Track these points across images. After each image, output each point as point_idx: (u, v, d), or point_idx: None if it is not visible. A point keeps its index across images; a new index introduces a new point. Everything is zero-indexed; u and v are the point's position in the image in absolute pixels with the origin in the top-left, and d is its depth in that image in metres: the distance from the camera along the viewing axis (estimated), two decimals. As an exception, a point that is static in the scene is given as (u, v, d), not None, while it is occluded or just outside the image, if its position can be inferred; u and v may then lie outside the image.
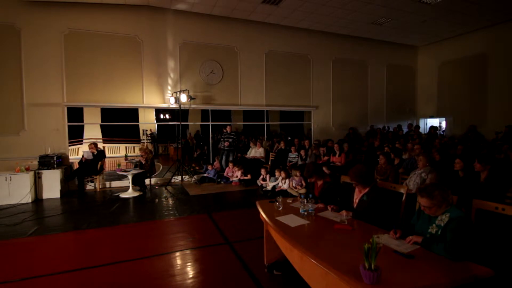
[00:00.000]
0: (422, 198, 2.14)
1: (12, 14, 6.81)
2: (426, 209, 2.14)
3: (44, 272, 3.22)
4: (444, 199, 2.08)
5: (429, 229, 2.14)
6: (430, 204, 2.09)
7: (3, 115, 6.81)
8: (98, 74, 7.59)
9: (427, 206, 2.12)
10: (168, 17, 8.24)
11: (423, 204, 2.14)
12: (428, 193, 2.11)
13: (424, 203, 2.13)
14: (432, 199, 2.08)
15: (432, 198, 2.09)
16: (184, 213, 5.39)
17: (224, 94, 9.02)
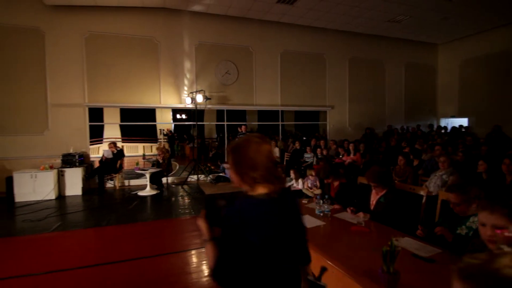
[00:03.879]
0: (452, 194, 2.05)
1: (36, 19, 7.11)
2: (456, 207, 2.06)
3: (66, 267, 3.35)
4: (477, 198, 2.00)
5: (458, 230, 2.06)
6: (460, 201, 2.01)
7: (29, 115, 7.13)
8: (117, 76, 7.81)
9: (456, 202, 2.03)
10: (184, 19, 8.37)
11: (453, 201, 2.06)
12: (459, 188, 2.03)
13: (453, 199, 2.05)
14: (464, 195, 2.00)
15: (464, 193, 2.00)
16: (199, 212, 5.45)
17: (239, 94, 9.07)
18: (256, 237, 1.04)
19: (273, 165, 1.18)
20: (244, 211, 1.08)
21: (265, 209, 1.10)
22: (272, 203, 1.12)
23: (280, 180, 1.17)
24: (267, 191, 1.13)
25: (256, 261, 1.05)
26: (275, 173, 1.16)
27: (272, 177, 1.15)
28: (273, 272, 1.09)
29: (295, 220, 1.21)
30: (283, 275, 1.13)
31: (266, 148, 1.18)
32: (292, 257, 1.17)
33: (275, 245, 1.08)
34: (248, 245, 1.03)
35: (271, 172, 1.14)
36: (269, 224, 1.09)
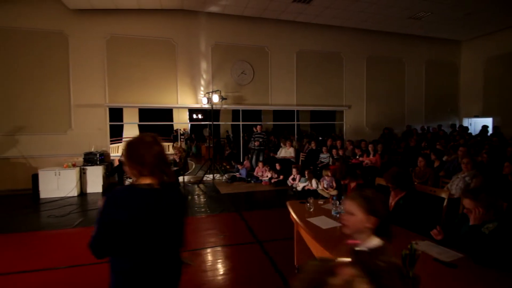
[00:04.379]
0: (465, 199, 2.03)
1: (61, 23, 7.41)
2: (469, 213, 2.02)
3: (86, 262, 3.47)
4: (491, 205, 1.94)
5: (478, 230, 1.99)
6: (473, 206, 1.97)
7: (53, 116, 7.45)
8: (136, 76, 8.02)
9: (470, 208, 1.99)
10: (201, 20, 8.48)
11: (466, 206, 2.03)
12: (473, 194, 1.99)
13: (467, 205, 2.02)
14: (477, 201, 1.95)
15: (476, 200, 1.96)
16: (216, 211, 5.51)
17: (255, 94, 9.09)
18: (127, 216, 1.24)
19: (161, 162, 1.38)
20: (122, 195, 1.30)
21: (142, 196, 1.30)
22: (151, 192, 1.32)
23: (168, 175, 1.40)
24: (150, 182, 1.35)
25: (124, 236, 1.25)
26: (163, 169, 1.37)
27: (158, 172, 1.36)
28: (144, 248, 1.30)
29: (175, 209, 1.40)
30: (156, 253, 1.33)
31: (156, 147, 1.39)
32: (167, 238, 1.37)
33: (146, 225, 1.28)
34: (118, 222, 1.23)
35: (157, 168, 1.35)
36: (142, 208, 1.28)
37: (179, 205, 1.45)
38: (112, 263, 1.34)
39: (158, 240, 1.34)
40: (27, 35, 7.21)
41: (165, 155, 1.43)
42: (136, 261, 1.31)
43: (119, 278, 1.33)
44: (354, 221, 1.29)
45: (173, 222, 1.41)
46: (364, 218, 1.26)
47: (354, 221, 1.29)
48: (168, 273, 1.42)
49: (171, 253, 1.43)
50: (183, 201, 1.51)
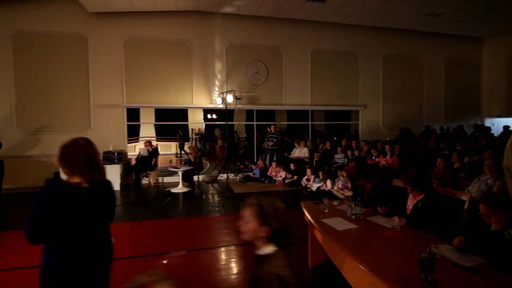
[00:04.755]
0: (481, 204, 1.98)
1: (81, 26, 7.67)
2: (484, 218, 1.95)
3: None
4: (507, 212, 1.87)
5: None
6: (488, 213, 1.91)
7: (73, 115, 7.71)
8: (153, 77, 8.18)
9: (484, 214, 1.94)
10: (216, 21, 8.55)
11: (481, 211, 1.97)
12: (489, 200, 1.93)
13: (482, 210, 1.97)
14: (491, 208, 1.89)
15: (491, 206, 1.89)
16: (229, 210, 5.55)
17: (269, 94, 9.09)
18: (53, 210, 1.43)
19: (92, 163, 1.55)
20: (50, 192, 1.47)
21: (70, 193, 1.48)
22: (79, 190, 1.51)
23: (98, 175, 1.59)
24: (79, 181, 1.52)
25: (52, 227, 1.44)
26: (93, 170, 1.55)
27: (88, 173, 1.54)
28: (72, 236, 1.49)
29: (101, 204, 1.61)
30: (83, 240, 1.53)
31: (87, 150, 1.57)
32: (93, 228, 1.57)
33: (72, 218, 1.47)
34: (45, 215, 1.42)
35: (87, 169, 1.54)
36: (69, 203, 1.47)
37: (106, 201, 1.66)
38: (44, 248, 1.53)
39: (85, 229, 1.55)
40: (49, 38, 7.50)
41: (97, 157, 1.63)
42: (65, 246, 1.50)
43: (50, 261, 1.52)
44: (249, 228, 1.27)
45: (99, 215, 1.62)
46: (257, 227, 1.24)
47: (249, 229, 1.27)
48: (95, 257, 1.61)
49: (97, 240, 1.63)
50: (111, 197, 1.72)
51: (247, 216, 1.29)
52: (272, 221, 1.25)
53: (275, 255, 1.24)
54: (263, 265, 1.21)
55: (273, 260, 1.22)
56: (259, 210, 1.27)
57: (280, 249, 1.27)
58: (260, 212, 1.26)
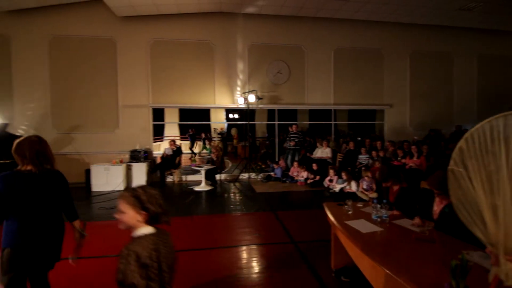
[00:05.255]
0: None
1: (110, 29, 8.02)
2: None
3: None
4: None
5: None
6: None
7: (103, 116, 8.09)
8: (177, 78, 8.40)
9: None
10: (238, 21, 8.63)
11: None
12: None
13: None
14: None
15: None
16: (251, 209, 5.59)
17: (291, 93, 9.04)
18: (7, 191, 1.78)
19: (41, 156, 1.92)
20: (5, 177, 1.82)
21: (21, 178, 1.85)
22: (29, 176, 1.87)
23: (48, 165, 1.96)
24: (30, 169, 1.89)
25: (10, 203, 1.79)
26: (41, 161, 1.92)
27: (37, 163, 1.90)
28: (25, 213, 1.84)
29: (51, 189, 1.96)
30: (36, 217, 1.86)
31: (37, 146, 1.92)
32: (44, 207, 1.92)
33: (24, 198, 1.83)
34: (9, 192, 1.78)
35: (37, 160, 1.90)
36: (21, 186, 1.83)
37: (54, 186, 2.00)
38: (4, 225, 1.86)
39: (37, 208, 1.90)
40: (81, 42, 7.92)
41: (46, 151, 1.99)
42: (20, 223, 1.85)
43: (9, 235, 1.84)
44: (126, 218, 1.39)
45: (48, 197, 1.96)
46: (135, 214, 1.37)
47: (126, 218, 1.39)
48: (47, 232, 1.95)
49: (48, 218, 1.97)
50: (59, 183, 2.05)
51: (123, 207, 1.39)
52: (149, 206, 1.38)
53: (146, 237, 1.36)
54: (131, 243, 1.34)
55: (141, 241, 1.35)
56: (135, 199, 1.39)
57: (157, 232, 1.41)
58: (136, 201, 1.38)
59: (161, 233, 1.44)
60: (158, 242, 1.38)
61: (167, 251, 1.40)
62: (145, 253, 1.30)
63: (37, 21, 7.68)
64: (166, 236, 1.46)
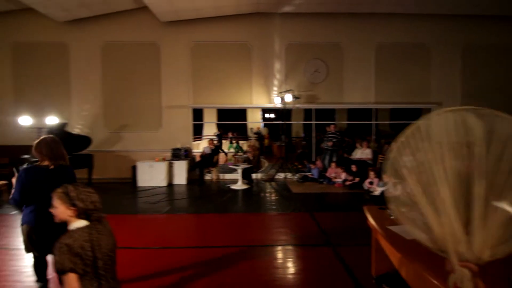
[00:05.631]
0: None
1: (154, 34, 8.50)
2: None
3: (172, 245, 3.92)
4: None
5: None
6: None
7: (147, 115, 8.61)
8: (216, 79, 8.65)
9: None
10: (275, 21, 8.63)
11: None
12: None
13: None
14: None
15: None
16: (287, 210, 5.56)
17: (328, 92, 8.82)
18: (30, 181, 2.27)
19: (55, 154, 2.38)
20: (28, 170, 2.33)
21: (41, 171, 2.33)
22: (47, 170, 2.35)
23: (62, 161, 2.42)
24: (47, 164, 2.36)
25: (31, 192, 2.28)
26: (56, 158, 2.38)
27: (53, 159, 2.37)
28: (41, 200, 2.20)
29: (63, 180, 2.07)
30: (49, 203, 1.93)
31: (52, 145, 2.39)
32: None
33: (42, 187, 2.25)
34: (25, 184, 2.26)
35: (52, 157, 2.37)
36: (39, 176, 2.31)
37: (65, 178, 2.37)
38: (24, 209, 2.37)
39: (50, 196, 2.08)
40: (129, 47, 8.51)
41: (59, 150, 2.44)
42: (37, 207, 2.31)
43: (27, 216, 2.35)
44: (58, 212, 1.58)
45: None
46: (65, 210, 1.56)
47: (58, 213, 1.59)
48: None
49: None
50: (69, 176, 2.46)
51: (55, 203, 1.59)
52: (78, 203, 1.55)
53: (77, 231, 1.52)
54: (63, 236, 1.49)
55: (73, 234, 1.50)
56: (65, 195, 1.57)
57: (91, 224, 1.57)
58: (66, 197, 1.57)
59: (97, 225, 1.59)
60: (92, 233, 1.54)
61: (102, 241, 1.56)
62: (77, 244, 1.46)
63: (91, 29, 8.40)
64: (102, 227, 1.62)
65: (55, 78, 8.46)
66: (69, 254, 1.42)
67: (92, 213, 1.58)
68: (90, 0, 7.44)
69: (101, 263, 1.52)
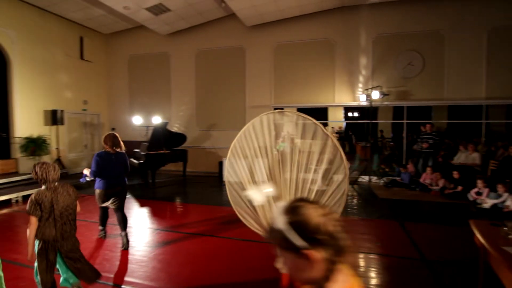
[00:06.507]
0: None
1: (241, 39, 9.04)
2: None
3: (254, 239, 4.11)
4: None
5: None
6: None
7: (233, 115, 9.22)
8: (297, 78, 8.67)
9: None
10: (361, 14, 8.11)
11: None
12: None
13: None
14: None
15: None
16: (371, 215, 5.19)
17: (424, 87, 7.82)
18: (101, 161, 3.61)
19: (114, 143, 3.71)
20: (100, 153, 3.66)
21: (106, 154, 3.68)
22: (109, 153, 3.70)
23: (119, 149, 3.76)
24: (109, 150, 3.69)
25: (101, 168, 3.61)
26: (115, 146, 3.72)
27: (112, 147, 3.69)
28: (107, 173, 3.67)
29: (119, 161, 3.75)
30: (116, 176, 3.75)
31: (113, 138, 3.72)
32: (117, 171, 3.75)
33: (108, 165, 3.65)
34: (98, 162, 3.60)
35: (112, 145, 3.69)
36: (105, 159, 3.65)
37: (120, 160, 3.77)
38: (96, 179, 3.69)
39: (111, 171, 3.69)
40: (218, 53, 9.27)
41: (118, 141, 3.74)
42: (104, 178, 3.67)
43: (98, 183, 3.69)
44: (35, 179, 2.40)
45: (118, 165, 3.75)
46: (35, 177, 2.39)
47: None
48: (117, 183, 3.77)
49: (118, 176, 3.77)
50: (123, 159, 3.81)
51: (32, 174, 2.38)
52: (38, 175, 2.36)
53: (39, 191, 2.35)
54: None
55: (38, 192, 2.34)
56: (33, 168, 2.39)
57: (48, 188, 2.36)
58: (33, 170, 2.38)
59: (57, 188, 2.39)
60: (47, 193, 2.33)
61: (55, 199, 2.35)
62: (36, 197, 2.29)
63: (187, 39, 9.48)
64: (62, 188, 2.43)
65: (159, 83, 9.89)
66: (32, 203, 2.28)
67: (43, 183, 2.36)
68: (188, 13, 8.40)
69: (58, 212, 2.34)
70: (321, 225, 0.73)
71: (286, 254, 0.73)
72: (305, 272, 0.72)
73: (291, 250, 0.72)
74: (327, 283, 0.71)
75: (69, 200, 2.43)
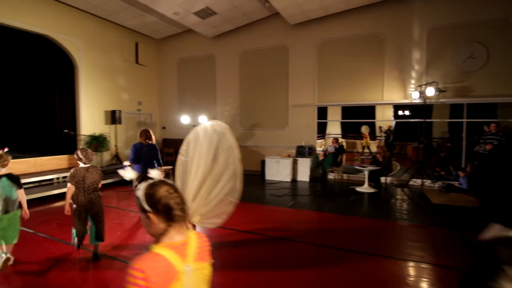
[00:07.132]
0: None
1: (284, 38, 9.01)
2: None
3: (297, 239, 4.10)
4: None
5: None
6: None
7: (276, 114, 9.24)
8: (342, 76, 8.38)
9: None
10: (414, 5, 7.54)
11: None
12: None
13: None
14: None
15: None
16: (424, 222, 4.83)
17: (488, 82, 7.02)
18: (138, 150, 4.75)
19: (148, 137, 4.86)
20: (135, 145, 4.79)
21: (141, 145, 4.80)
22: (142, 144, 4.81)
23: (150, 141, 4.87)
24: (142, 141, 4.83)
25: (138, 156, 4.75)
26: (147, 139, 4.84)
27: (146, 140, 4.82)
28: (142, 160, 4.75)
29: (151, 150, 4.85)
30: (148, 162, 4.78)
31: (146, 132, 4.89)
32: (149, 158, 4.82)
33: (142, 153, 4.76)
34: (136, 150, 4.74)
35: (145, 137, 4.83)
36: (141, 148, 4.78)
37: (152, 150, 4.85)
38: (134, 165, 4.71)
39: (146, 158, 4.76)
40: (261, 52, 9.36)
41: (149, 134, 4.87)
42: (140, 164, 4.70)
43: (136, 168, 4.64)
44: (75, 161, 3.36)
45: (149, 154, 4.81)
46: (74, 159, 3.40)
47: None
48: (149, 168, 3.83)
49: (150, 162, 4.77)
50: (155, 149, 4.90)
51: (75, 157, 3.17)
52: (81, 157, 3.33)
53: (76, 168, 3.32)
54: None
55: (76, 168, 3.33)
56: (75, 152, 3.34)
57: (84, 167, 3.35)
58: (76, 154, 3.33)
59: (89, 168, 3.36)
60: (82, 170, 3.31)
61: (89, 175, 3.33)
62: (73, 171, 3.27)
63: (231, 40, 9.73)
64: (93, 169, 3.39)
65: (205, 84, 10.31)
66: (70, 177, 3.25)
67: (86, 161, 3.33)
68: (233, 15, 8.62)
69: (86, 185, 3.30)
70: (162, 198, 1.06)
71: (142, 214, 1.10)
72: (150, 228, 1.09)
73: (143, 212, 1.08)
74: (162, 236, 1.06)
75: (96, 177, 3.40)
